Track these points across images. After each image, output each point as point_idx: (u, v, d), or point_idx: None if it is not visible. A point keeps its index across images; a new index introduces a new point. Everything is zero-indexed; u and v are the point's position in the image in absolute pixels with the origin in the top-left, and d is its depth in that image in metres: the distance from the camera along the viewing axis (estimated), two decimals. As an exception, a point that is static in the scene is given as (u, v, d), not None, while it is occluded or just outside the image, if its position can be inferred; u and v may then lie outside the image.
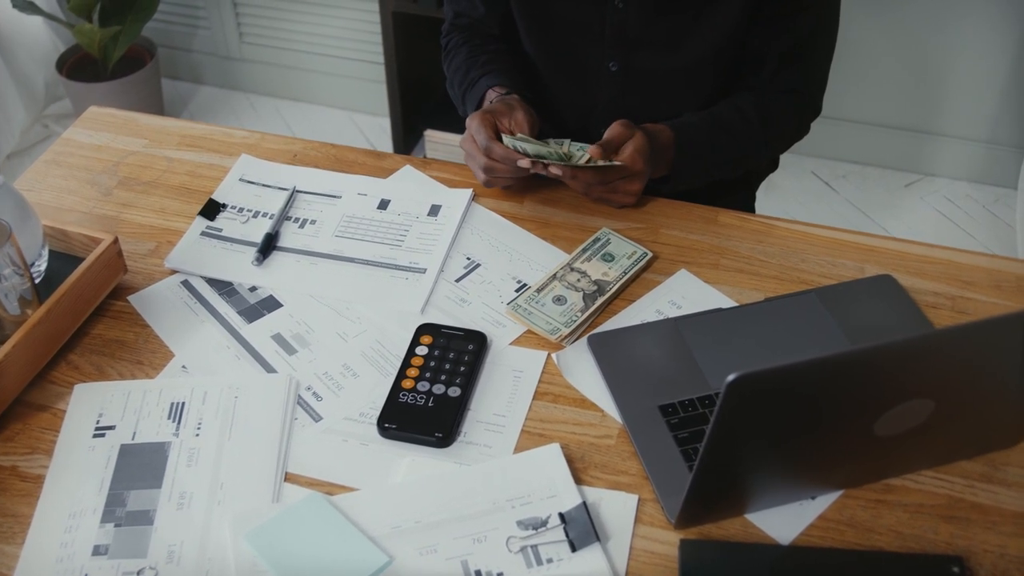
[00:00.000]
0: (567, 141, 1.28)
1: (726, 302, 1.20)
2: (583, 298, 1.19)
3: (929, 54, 2.60)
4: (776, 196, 2.73)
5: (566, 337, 1.15)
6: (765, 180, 1.66)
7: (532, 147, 1.23)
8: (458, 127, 2.72)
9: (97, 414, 1.07)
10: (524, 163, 1.22)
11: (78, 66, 2.87)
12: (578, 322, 1.16)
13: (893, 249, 1.26)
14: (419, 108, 2.80)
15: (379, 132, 3.02)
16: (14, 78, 2.83)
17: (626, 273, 1.22)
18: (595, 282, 1.21)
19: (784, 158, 1.60)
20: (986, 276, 1.23)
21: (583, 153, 1.25)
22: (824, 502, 0.99)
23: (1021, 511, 0.98)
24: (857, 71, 2.66)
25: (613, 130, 1.27)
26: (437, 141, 2.80)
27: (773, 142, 1.44)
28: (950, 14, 2.50)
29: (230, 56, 3.11)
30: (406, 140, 2.83)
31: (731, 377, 0.76)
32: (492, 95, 1.37)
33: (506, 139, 1.25)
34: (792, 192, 2.75)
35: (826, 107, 1.49)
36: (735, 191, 1.56)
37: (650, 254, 1.25)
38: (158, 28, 3.08)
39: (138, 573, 0.93)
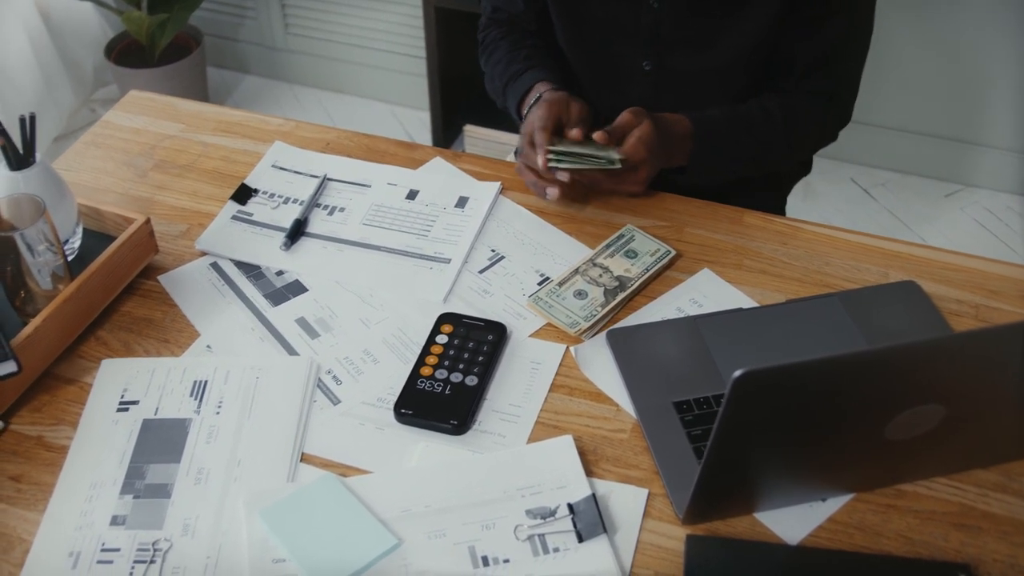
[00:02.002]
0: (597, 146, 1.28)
1: (747, 302, 1.20)
2: (604, 293, 1.19)
3: (973, 63, 2.57)
4: (814, 202, 2.71)
5: (585, 331, 1.16)
6: (803, 186, 1.65)
7: (569, 157, 1.24)
8: (497, 123, 2.75)
9: (122, 389, 1.09)
10: (553, 194, 1.28)
11: (126, 52, 2.92)
12: (597, 317, 1.17)
13: (919, 255, 1.26)
14: (459, 103, 2.82)
15: (419, 126, 3.04)
16: (64, 62, 2.89)
17: (648, 270, 1.23)
18: (617, 278, 1.22)
19: (823, 164, 1.59)
20: (1013, 286, 1.22)
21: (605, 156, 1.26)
22: (834, 504, 0.99)
23: (1034, 522, 0.98)
24: (900, 79, 2.63)
25: (622, 117, 1.27)
26: (476, 136, 2.82)
27: (797, 144, 1.43)
28: (994, 23, 2.47)
29: (275, 46, 3.15)
30: (445, 135, 2.85)
31: (737, 373, 0.76)
32: (542, 88, 1.38)
33: (548, 154, 1.25)
34: (830, 199, 2.73)
35: (867, 114, 1.47)
36: (764, 194, 1.56)
37: (673, 252, 1.25)
38: (205, 17, 3.13)
39: (153, 544, 0.95)
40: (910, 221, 2.68)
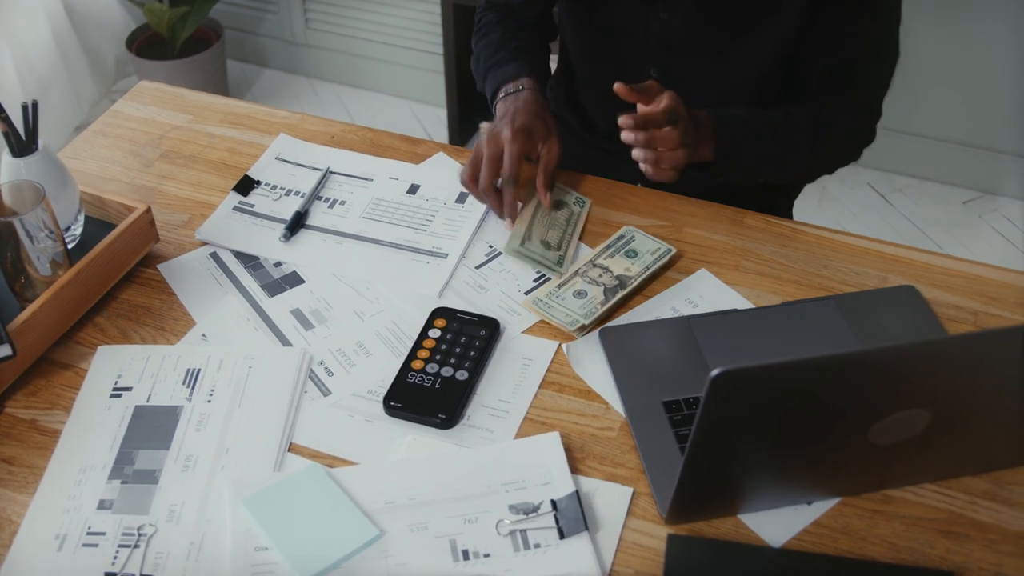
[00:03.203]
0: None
1: (743, 303, 1.19)
2: (604, 292, 1.19)
3: (994, 70, 2.54)
4: (830, 207, 2.69)
5: (587, 329, 1.15)
6: (819, 190, 1.63)
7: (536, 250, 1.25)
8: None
9: (116, 375, 1.10)
10: (508, 227, 1.27)
11: (147, 44, 2.95)
12: (598, 314, 1.16)
13: (919, 260, 1.25)
14: (476, 100, 2.82)
15: (436, 122, 3.05)
16: (86, 53, 2.92)
17: (649, 268, 1.22)
18: (617, 277, 1.21)
19: (840, 169, 1.55)
20: (1014, 293, 1.21)
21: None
22: (820, 508, 0.98)
23: (1022, 531, 0.97)
24: (920, 85, 2.61)
25: (647, 84, 1.21)
26: (492, 134, 2.82)
27: (820, 152, 1.38)
28: (1016, 29, 2.45)
29: (295, 41, 3.16)
30: (462, 131, 2.86)
31: (715, 372, 0.76)
32: (527, 83, 1.36)
33: (518, 247, 1.25)
34: (847, 203, 2.72)
35: (886, 120, 1.43)
36: (771, 199, 1.54)
37: (673, 250, 1.24)
38: (226, 10, 3.15)
39: (138, 529, 0.96)
40: (927, 228, 2.66)
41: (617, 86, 1.19)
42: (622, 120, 1.19)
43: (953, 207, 2.72)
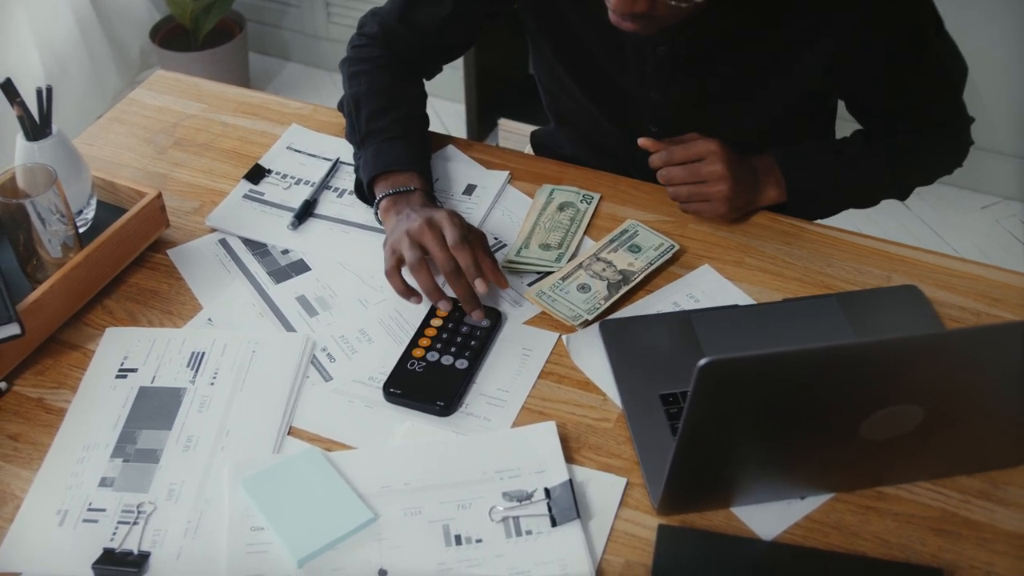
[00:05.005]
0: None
1: (745, 300, 1.20)
2: (607, 287, 1.20)
3: (1011, 74, 2.53)
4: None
5: (589, 324, 1.16)
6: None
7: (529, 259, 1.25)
8: (532, 118, 2.75)
9: (123, 356, 1.12)
10: (478, 317, 1.15)
11: (170, 36, 2.98)
12: (601, 309, 1.17)
13: (923, 260, 1.25)
14: (494, 97, 2.83)
15: (456, 119, 3.05)
16: (111, 44, 2.95)
17: (652, 264, 1.23)
18: (620, 272, 1.22)
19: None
20: (1017, 294, 1.20)
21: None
22: (813, 503, 0.98)
23: (1015, 531, 0.97)
24: (939, 87, 2.60)
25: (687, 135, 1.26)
26: (510, 130, 2.83)
27: (907, 174, 1.39)
28: (1038, 33, 2.43)
29: (317, 35, 3.18)
30: (480, 128, 2.87)
31: (703, 361, 0.77)
32: (417, 183, 1.25)
33: (513, 257, 1.24)
34: (863, 206, 2.71)
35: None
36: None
37: (676, 246, 1.25)
38: (248, 3, 3.17)
39: (138, 507, 0.97)
40: (943, 232, 2.64)
41: (641, 141, 1.25)
42: (642, 142, 1.26)
43: (970, 212, 2.70)
